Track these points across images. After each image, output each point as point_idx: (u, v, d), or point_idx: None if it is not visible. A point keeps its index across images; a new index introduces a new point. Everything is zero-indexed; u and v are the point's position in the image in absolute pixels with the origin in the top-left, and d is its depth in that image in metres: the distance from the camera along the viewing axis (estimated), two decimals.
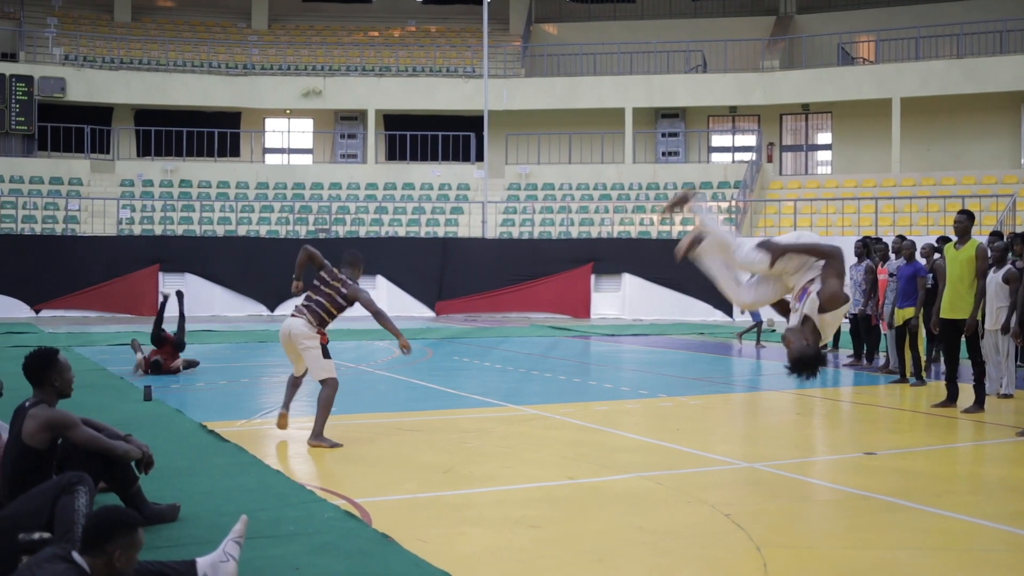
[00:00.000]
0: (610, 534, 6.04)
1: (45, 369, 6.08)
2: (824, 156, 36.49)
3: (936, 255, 13.10)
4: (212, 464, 8.04)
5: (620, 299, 28.74)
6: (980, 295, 10.97)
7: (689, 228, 30.31)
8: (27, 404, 6.03)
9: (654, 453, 8.65)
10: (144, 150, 36.32)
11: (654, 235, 30.44)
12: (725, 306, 27.57)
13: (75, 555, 4.23)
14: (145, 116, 36.62)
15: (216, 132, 35.90)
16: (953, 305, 11.07)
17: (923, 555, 5.69)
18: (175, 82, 35.78)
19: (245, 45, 38.79)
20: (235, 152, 37.13)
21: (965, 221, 11.14)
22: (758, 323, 19.48)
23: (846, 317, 16.08)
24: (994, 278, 11.84)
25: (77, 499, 5.22)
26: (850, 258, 17.05)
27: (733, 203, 31.23)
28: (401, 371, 14.74)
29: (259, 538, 5.89)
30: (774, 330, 21.29)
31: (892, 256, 14.65)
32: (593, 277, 28.86)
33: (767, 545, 5.76)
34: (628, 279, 28.50)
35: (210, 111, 36.62)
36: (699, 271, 27.34)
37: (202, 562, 5.11)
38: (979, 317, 11.16)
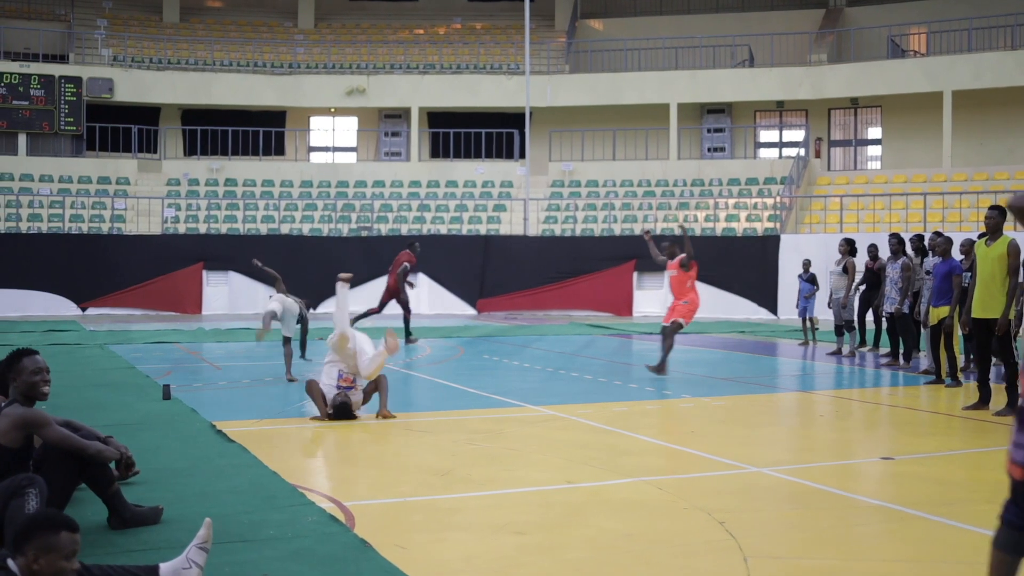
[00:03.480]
0: (596, 542, 5.85)
1: (5, 371, 6.00)
2: (874, 151, 35.87)
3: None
4: (212, 465, 7.95)
5: (663, 297, 28.36)
6: (1012, 293, 10.59)
7: (735, 224, 29.81)
8: (3, 404, 5.96)
9: (662, 456, 8.43)
10: (190, 149, 36.60)
11: (698, 232, 30.07)
12: (770, 304, 27.20)
13: (10, 561, 4.11)
14: (191, 116, 36.90)
15: (261, 131, 36.08)
16: (984, 304, 10.71)
17: (918, 568, 5.44)
18: (221, 82, 35.99)
19: (291, 44, 38.96)
20: (280, 151, 37.31)
21: (996, 217, 10.77)
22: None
23: (884, 316, 15.77)
24: None
25: (27, 502, 5.13)
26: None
27: (779, 199, 30.78)
28: (425, 370, 14.62)
29: (236, 542, 5.78)
30: (818, 327, 20.92)
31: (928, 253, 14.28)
32: (635, 275, 28.57)
33: (756, 556, 5.54)
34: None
35: (255, 110, 36.81)
36: (743, 269, 27.25)
37: (165, 568, 4.98)
38: (1011, 316, 10.79)
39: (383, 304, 19.93)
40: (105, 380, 13.34)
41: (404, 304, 19.29)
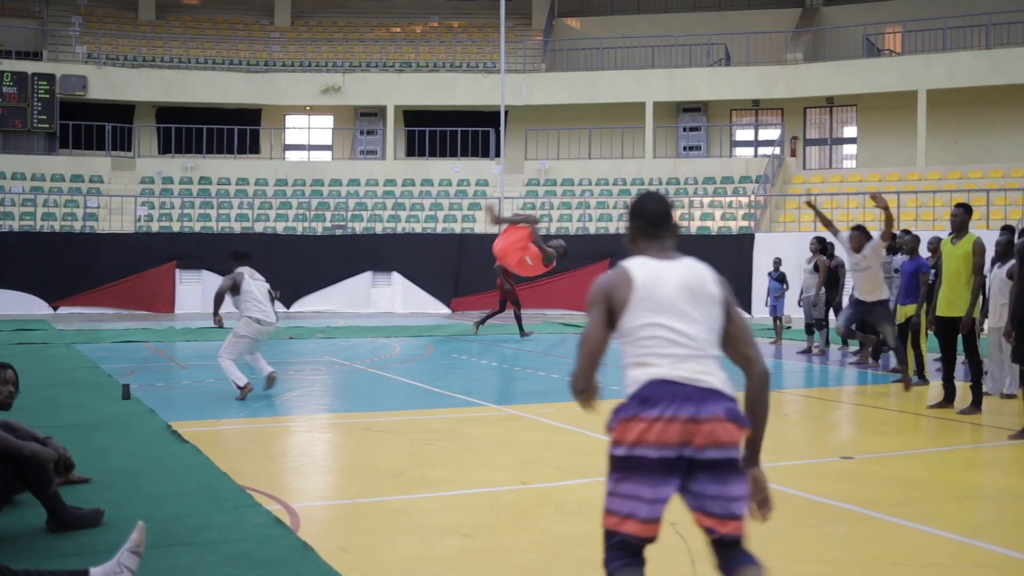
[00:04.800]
0: (544, 544, 5.75)
1: None
2: (849, 150, 35.90)
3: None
4: (162, 466, 7.81)
5: None
6: (977, 291, 10.54)
7: (710, 223, 29.80)
8: None
9: None
10: (165, 147, 36.34)
11: None
12: (744, 303, 27.15)
13: None
14: (166, 114, 36.65)
15: (236, 129, 35.84)
16: (950, 302, 10.66)
17: (868, 570, 5.36)
18: (196, 80, 35.76)
19: (267, 42, 38.75)
20: (255, 149, 37.09)
21: (962, 215, 10.72)
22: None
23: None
24: (998, 273, 11.42)
25: None
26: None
27: (754, 198, 30.77)
28: (392, 369, 14.49)
29: (176, 546, 5.67)
30: (789, 326, 20.91)
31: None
32: None
33: (704, 558, 5.44)
34: None
35: (231, 108, 36.57)
36: (717, 268, 27.00)
37: (96, 572, 4.87)
38: (976, 314, 10.75)
39: (502, 304, 20.81)
40: (66, 379, 13.18)
41: (513, 301, 20.42)
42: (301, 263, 28.51)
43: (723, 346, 3.92)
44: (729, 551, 3.87)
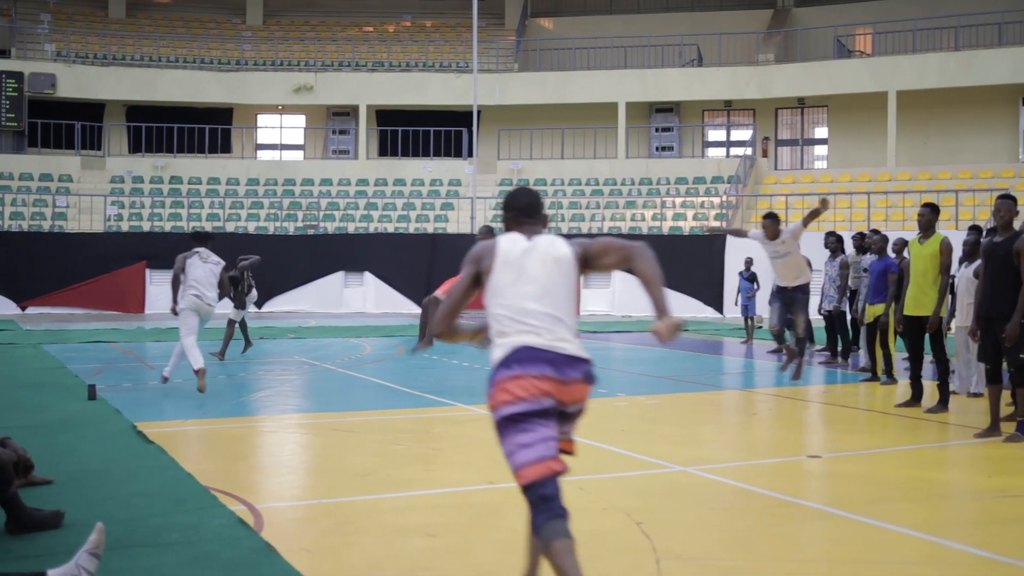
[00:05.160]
0: (508, 544, 5.72)
1: None
2: (821, 151, 36.10)
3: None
4: (126, 467, 7.74)
5: (609, 295, 28.42)
6: (944, 291, 10.59)
7: (682, 223, 29.98)
8: None
9: (588, 456, 8.29)
10: (135, 147, 36.11)
11: (645, 231, 30.10)
12: (716, 303, 27.25)
13: None
14: (137, 113, 36.42)
15: (207, 128, 35.66)
16: (917, 301, 10.70)
17: (832, 569, 5.35)
18: (167, 78, 35.56)
19: (238, 41, 38.56)
20: (226, 148, 36.90)
21: (929, 215, 10.77)
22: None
23: (820, 313, 15.78)
24: (965, 273, 11.51)
25: None
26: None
27: (725, 198, 30.85)
28: (362, 369, 14.43)
29: (137, 547, 5.61)
30: (761, 326, 20.97)
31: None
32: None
33: (669, 557, 5.44)
34: (618, 276, 28.13)
35: (202, 107, 36.39)
36: (689, 268, 27.28)
37: (53, 574, 4.81)
38: (943, 313, 10.80)
39: None
40: (32, 380, 13.06)
41: None
42: (273, 263, 28.26)
43: (604, 266, 4.49)
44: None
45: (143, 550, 5.57)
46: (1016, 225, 9.61)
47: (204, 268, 11.99)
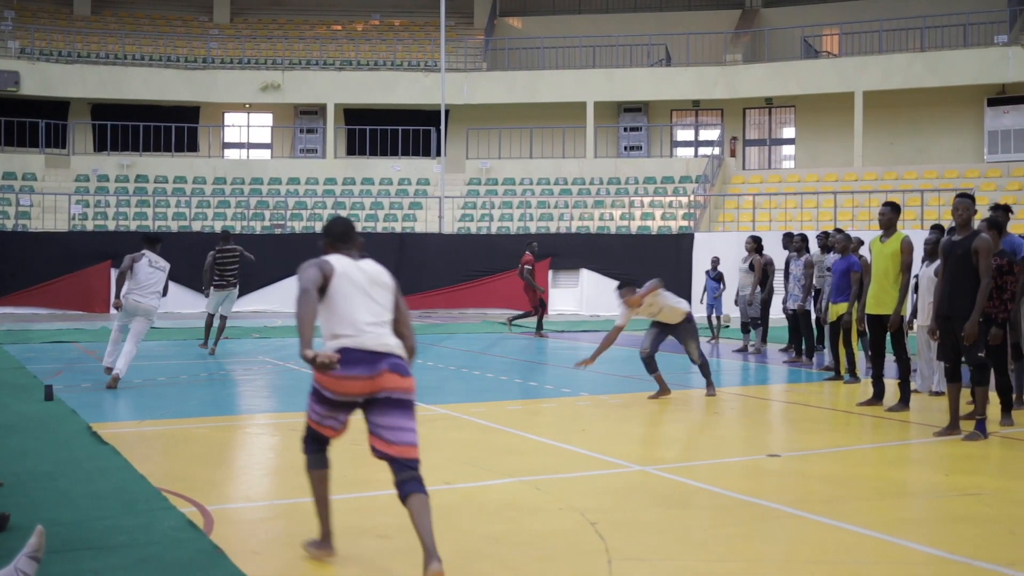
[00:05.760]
0: (460, 545, 5.66)
1: None
2: (788, 150, 36.23)
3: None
4: (79, 469, 7.62)
5: (578, 295, 28.40)
6: (905, 289, 10.62)
7: (650, 222, 29.97)
8: None
9: (547, 455, 8.28)
10: (100, 145, 35.80)
11: (613, 230, 30.11)
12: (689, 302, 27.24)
13: None
14: (102, 111, 36.08)
15: (174, 127, 35.39)
16: (878, 300, 10.72)
17: (786, 568, 5.32)
18: (132, 76, 35.25)
19: (205, 39, 38.30)
20: (193, 147, 36.63)
21: (889, 213, 10.79)
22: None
23: (785, 312, 15.81)
24: (926, 272, 11.53)
25: None
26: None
27: (693, 198, 30.90)
28: None
29: (82, 550, 5.51)
30: (728, 325, 21.00)
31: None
32: (551, 273, 28.47)
33: (621, 558, 5.39)
34: (586, 274, 28.17)
35: (168, 105, 36.10)
36: (657, 267, 27.17)
37: None
38: (904, 312, 10.83)
39: (535, 305, 21.11)
40: None
41: (538, 301, 20.93)
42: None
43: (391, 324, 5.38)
44: (403, 474, 5.24)
45: (88, 553, 5.47)
46: (975, 224, 9.64)
47: (148, 271, 12.76)
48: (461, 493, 6.91)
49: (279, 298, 28.77)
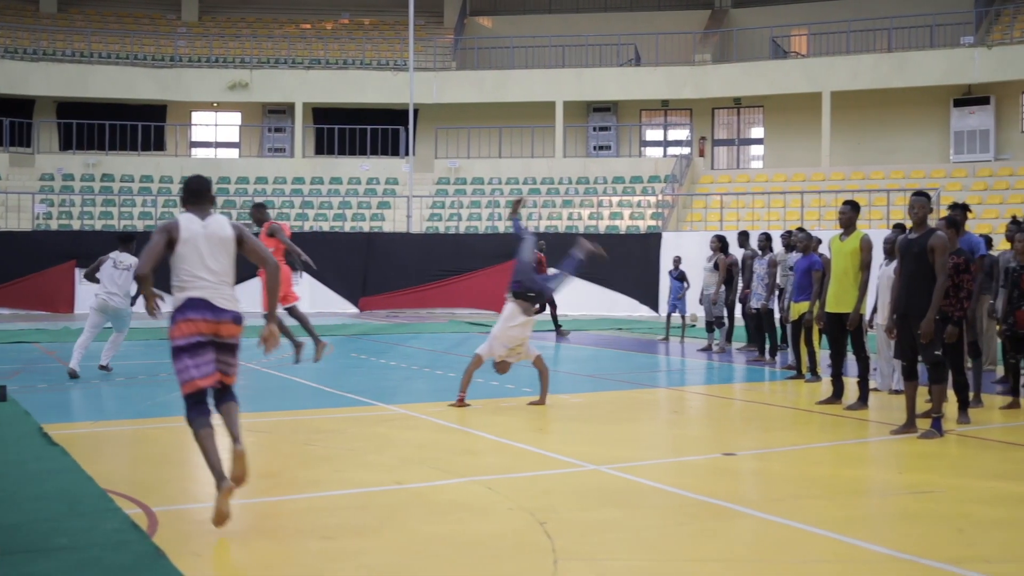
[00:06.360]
0: (407, 546, 5.60)
1: None
2: (756, 150, 36.34)
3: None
4: (25, 470, 7.50)
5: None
6: (864, 288, 10.63)
7: (619, 222, 29.95)
8: None
9: (502, 455, 8.23)
10: (66, 144, 35.50)
11: (581, 230, 30.09)
12: (651, 301, 27.29)
13: None
14: (67, 109, 35.79)
15: (140, 125, 35.13)
16: (838, 298, 10.74)
17: (734, 568, 5.29)
18: (99, 74, 34.97)
19: (172, 37, 38.04)
20: (160, 146, 36.39)
21: (849, 212, 10.82)
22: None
23: (749, 312, 15.83)
24: (886, 271, 11.53)
25: None
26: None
27: (661, 197, 30.94)
28: (286, 369, 14.21)
29: (21, 553, 5.41)
30: (693, 325, 21.03)
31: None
32: None
33: (567, 558, 5.34)
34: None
35: (135, 104, 35.83)
36: (625, 267, 27.30)
37: None
38: (863, 310, 10.85)
39: (550, 302, 20.93)
40: None
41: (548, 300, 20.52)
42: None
43: (249, 256, 6.25)
44: (224, 393, 6.21)
45: (27, 556, 5.37)
46: (932, 223, 9.66)
47: (111, 272, 13.25)
48: (412, 493, 6.85)
49: (245, 297, 28.49)
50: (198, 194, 6.20)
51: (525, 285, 10.81)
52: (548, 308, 20.95)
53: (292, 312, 12.91)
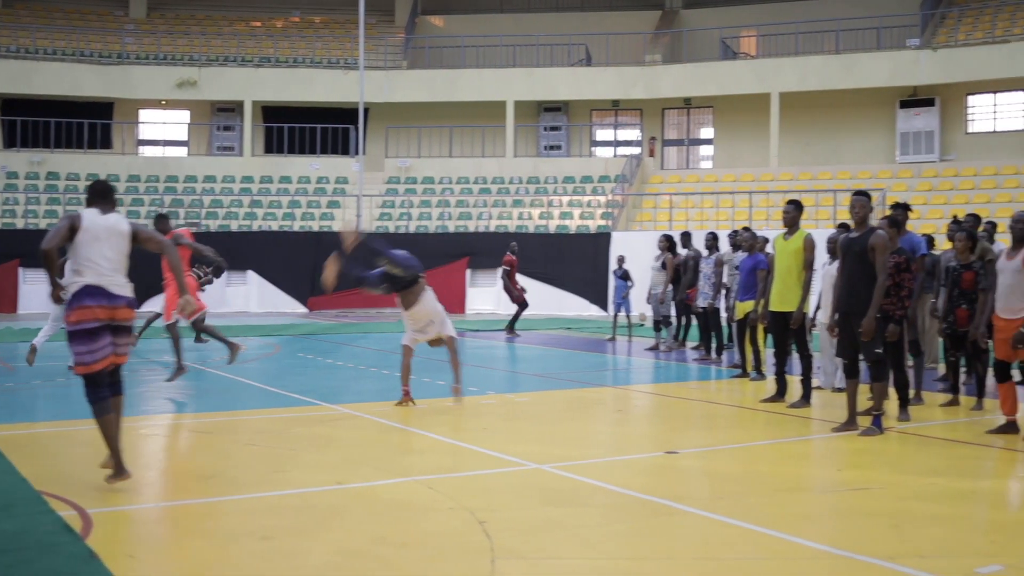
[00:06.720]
0: (345, 546, 5.56)
1: None
2: (706, 151, 36.53)
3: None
4: None
5: (495, 294, 28.34)
6: (807, 287, 10.72)
7: (569, 222, 29.96)
8: None
9: (445, 454, 8.20)
10: (10, 141, 34.96)
11: (532, 229, 30.12)
12: (601, 301, 27.37)
13: None
14: (12, 106, 35.25)
15: (87, 123, 34.71)
16: (782, 297, 10.83)
17: (670, 565, 5.31)
18: (44, 71, 34.46)
19: (120, 34, 37.59)
20: (106, 144, 35.95)
21: (793, 212, 10.91)
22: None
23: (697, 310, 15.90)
24: (829, 270, 11.62)
25: None
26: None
27: (611, 197, 31.04)
28: (232, 369, 14.07)
29: None
30: (642, 324, 21.12)
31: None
32: (469, 272, 28.43)
33: (505, 556, 5.33)
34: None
35: (81, 101, 35.36)
36: (575, 266, 27.31)
37: None
38: (806, 309, 10.94)
39: (519, 302, 21.10)
40: None
41: (516, 300, 21.07)
42: (152, 261, 27.49)
43: (147, 247, 6.93)
44: (115, 381, 6.83)
45: None
46: (874, 222, 9.75)
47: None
48: (352, 493, 6.80)
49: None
50: (102, 194, 6.90)
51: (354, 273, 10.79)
52: (519, 309, 20.97)
53: (195, 325, 12.80)
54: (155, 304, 27.68)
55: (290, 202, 32.38)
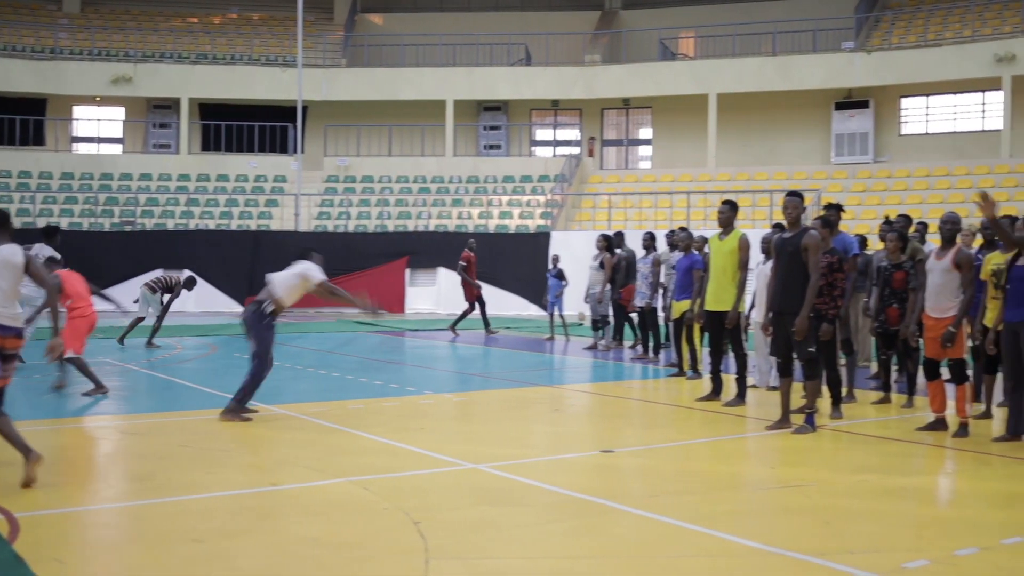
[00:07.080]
0: (277, 548, 5.52)
1: None
2: (645, 151, 36.76)
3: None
4: None
5: (435, 293, 28.32)
6: (742, 286, 10.82)
7: (508, 221, 29.96)
8: None
9: (382, 455, 8.17)
10: None
11: (471, 229, 30.10)
12: (540, 300, 27.40)
13: None
14: None
15: (19, 119, 34.10)
16: (717, 297, 10.92)
17: (603, 564, 5.33)
18: None
19: (53, 28, 36.99)
20: (39, 140, 35.37)
21: (727, 212, 10.99)
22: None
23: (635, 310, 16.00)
24: (763, 270, 11.74)
25: None
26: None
27: (551, 197, 31.12)
28: (167, 369, 13.94)
29: None
30: (582, 324, 21.18)
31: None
32: (408, 271, 28.35)
33: (439, 557, 5.33)
34: (443, 273, 28.05)
35: (12, 97, 34.73)
36: (515, 266, 27.28)
37: None
38: (741, 308, 11.05)
39: (471, 302, 20.93)
40: None
41: (468, 299, 20.96)
42: (87, 260, 27.14)
43: (33, 280, 7.10)
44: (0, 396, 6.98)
45: None
46: (808, 222, 9.87)
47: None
48: (286, 495, 6.76)
49: (128, 297, 27.93)
50: (5, 223, 7.08)
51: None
52: (479, 307, 20.87)
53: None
54: (96, 302, 27.41)
55: (227, 201, 32.08)
